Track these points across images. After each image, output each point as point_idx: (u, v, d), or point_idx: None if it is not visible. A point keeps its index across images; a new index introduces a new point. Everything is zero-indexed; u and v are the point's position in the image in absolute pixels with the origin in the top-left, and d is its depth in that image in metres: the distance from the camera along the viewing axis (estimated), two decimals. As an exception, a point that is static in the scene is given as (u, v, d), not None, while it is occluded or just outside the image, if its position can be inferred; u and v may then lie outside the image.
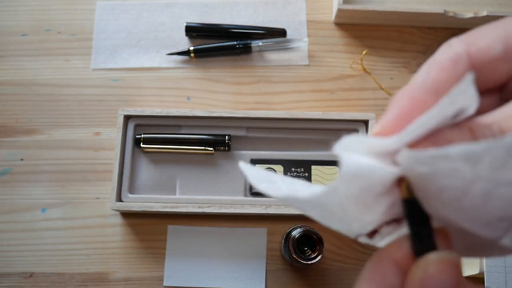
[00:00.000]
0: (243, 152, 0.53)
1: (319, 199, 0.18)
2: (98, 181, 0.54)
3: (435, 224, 0.18)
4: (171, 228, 0.52)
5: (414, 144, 0.17)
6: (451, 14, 0.56)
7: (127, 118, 0.53)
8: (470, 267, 0.48)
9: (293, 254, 0.47)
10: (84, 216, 0.53)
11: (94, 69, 0.58)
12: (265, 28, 0.58)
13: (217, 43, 0.57)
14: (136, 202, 0.50)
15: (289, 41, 0.57)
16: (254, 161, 0.52)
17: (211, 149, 0.52)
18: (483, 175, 0.16)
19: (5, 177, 0.54)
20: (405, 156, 0.17)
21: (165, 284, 0.51)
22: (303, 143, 0.54)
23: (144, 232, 0.53)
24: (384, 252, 0.19)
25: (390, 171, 0.18)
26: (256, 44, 0.57)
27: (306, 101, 0.57)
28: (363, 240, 0.21)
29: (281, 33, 0.58)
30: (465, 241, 0.20)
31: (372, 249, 0.52)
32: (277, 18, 0.60)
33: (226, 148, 0.52)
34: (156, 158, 0.53)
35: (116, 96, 0.57)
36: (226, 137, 0.52)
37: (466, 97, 0.16)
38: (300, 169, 0.52)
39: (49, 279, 0.51)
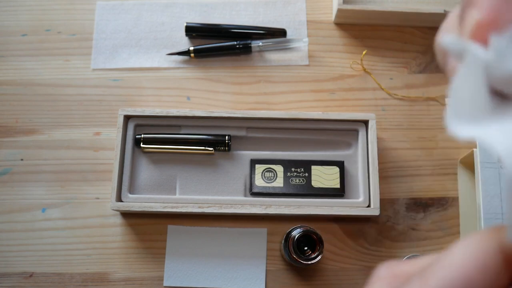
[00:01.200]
0: (243, 152, 0.53)
1: None
2: (98, 181, 0.54)
3: None
4: (171, 228, 0.52)
5: None
6: (451, 14, 0.56)
7: (127, 118, 0.53)
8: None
9: (293, 254, 0.47)
10: (84, 216, 0.53)
11: (94, 69, 0.58)
12: (265, 28, 0.58)
13: (217, 43, 0.57)
14: (136, 202, 0.50)
15: (289, 41, 0.57)
16: (254, 161, 0.52)
17: (211, 149, 0.52)
18: None
19: (5, 177, 0.54)
20: None
21: (165, 284, 0.51)
22: (303, 143, 0.54)
23: (144, 232, 0.53)
24: (489, 235, 0.15)
25: None
26: (256, 44, 0.57)
27: (306, 101, 0.57)
28: None
29: (281, 33, 0.58)
30: None
31: (374, 249, 0.52)
32: (277, 18, 0.60)
33: (226, 148, 0.52)
34: (156, 158, 0.53)
35: (116, 96, 0.57)
36: (226, 137, 0.52)
37: None
38: (300, 169, 0.52)
39: (49, 279, 0.51)
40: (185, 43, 0.59)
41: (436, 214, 0.53)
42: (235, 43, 0.57)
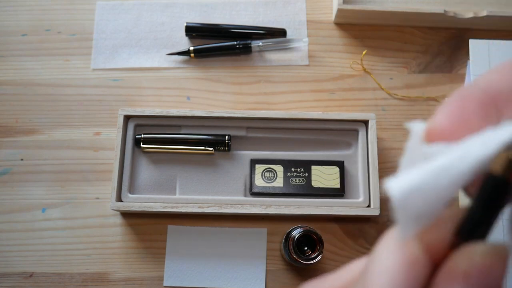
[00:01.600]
0: (243, 152, 0.53)
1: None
2: (98, 181, 0.54)
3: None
4: (171, 228, 0.52)
5: None
6: (451, 14, 0.56)
7: (127, 118, 0.53)
8: None
9: (293, 254, 0.47)
10: (84, 216, 0.53)
11: (94, 69, 0.58)
12: (265, 28, 0.58)
13: (217, 43, 0.57)
14: (136, 202, 0.50)
15: (289, 41, 0.57)
16: (254, 161, 0.52)
17: (211, 149, 0.52)
18: None
19: (5, 177, 0.54)
20: None
21: (165, 284, 0.51)
22: (303, 143, 0.54)
23: (144, 232, 0.53)
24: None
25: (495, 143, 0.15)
26: (256, 44, 0.57)
27: (306, 101, 0.57)
28: None
29: (281, 33, 0.58)
30: None
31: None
32: (277, 18, 0.60)
33: (226, 148, 0.52)
34: (156, 158, 0.53)
35: (116, 96, 0.57)
36: (226, 137, 0.52)
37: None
38: (300, 169, 0.52)
39: (49, 279, 0.51)
40: (185, 43, 0.59)
41: (436, 214, 0.53)
42: (235, 43, 0.57)
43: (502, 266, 0.15)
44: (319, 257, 0.47)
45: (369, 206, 0.51)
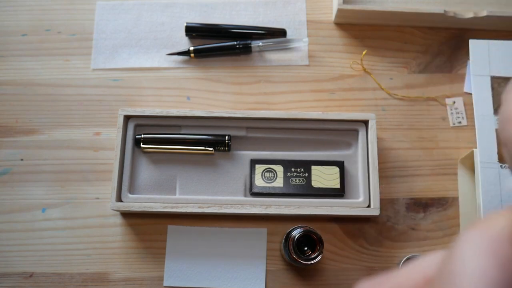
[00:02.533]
0: (243, 152, 0.53)
1: None
2: (98, 181, 0.54)
3: None
4: (171, 228, 0.52)
5: None
6: (451, 14, 0.56)
7: (127, 118, 0.53)
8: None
9: (293, 254, 0.47)
10: (84, 216, 0.53)
11: (94, 69, 0.58)
12: (265, 28, 0.58)
13: (217, 43, 0.57)
14: (136, 202, 0.50)
15: (289, 41, 0.57)
16: (254, 161, 0.52)
17: (211, 149, 0.52)
18: None
19: (5, 177, 0.54)
20: None
21: (165, 284, 0.51)
22: (303, 143, 0.54)
23: (144, 232, 0.53)
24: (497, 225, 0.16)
25: None
26: (256, 44, 0.57)
27: (306, 101, 0.57)
28: None
29: (281, 33, 0.58)
30: None
31: (374, 249, 0.52)
32: (277, 18, 0.60)
33: (226, 148, 0.52)
34: (156, 158, 0.53)
35: (116, 96, 0.57)
36: (226, 137, 0.52)
37: None
38: (300, 169, 0.52)
39: (49, 279, 0.51)
40: (185, 43, 0.59)
41: (436, 214, 0.53)
42: (235, 43, 0.57)
43: None
44: (319, 257, 0.47)
45: (369, 206, 0.51)
